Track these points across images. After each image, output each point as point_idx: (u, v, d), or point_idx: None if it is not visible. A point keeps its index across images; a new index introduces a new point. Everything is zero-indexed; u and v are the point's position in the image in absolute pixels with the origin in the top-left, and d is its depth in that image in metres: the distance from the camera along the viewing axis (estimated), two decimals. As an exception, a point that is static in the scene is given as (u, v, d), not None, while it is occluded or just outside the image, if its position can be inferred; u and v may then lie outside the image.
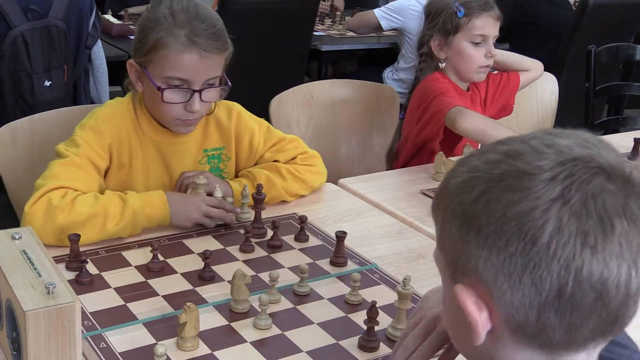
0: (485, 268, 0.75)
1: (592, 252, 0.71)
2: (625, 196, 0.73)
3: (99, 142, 1.66)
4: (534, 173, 0.74)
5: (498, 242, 0.74)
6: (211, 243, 1.61)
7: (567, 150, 0.75)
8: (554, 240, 0.71)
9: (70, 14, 2.60)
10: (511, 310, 0.75)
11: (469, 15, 2.14)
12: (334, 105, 2.55)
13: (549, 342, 0.76)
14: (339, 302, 1.43)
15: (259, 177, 1.76)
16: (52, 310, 1.05)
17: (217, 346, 1.26)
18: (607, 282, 0.72)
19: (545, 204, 0.72)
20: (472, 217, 0.76)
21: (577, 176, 0.73)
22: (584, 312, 0.73)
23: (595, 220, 0.72)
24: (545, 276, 0.72)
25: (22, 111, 2.45)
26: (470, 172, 0.79)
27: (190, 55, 1.60)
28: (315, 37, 4.09)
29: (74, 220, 1.51)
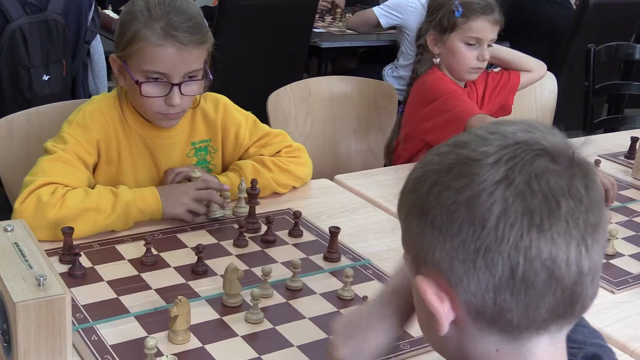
0: (442, 257, 0.77)
1: (538, 230, 0.73)
2: (570, 176, 0.75)
3: (87, 137, 1.66)
4: (479, 159, 0.76)
5: (450, 230, 0.76)
6: (205, 238, 1.61)
7: (511, 135, 0.77)
8: (501, 221, 0.73)
9: (68, 8, 2.61)
10: (469, 296, 0.76)
11: (467, 16, 2.13)
12: (332, 102, 2.55)
13: (509, 325, 0.77)
14: (331, 297, 1.43)
15: (245, 168, 1.77)
16: (43, 302, 1.06)
17: (208, 340, 1.26)
18: (556, 260, 0.73)
19: (490, 187, 0.74)
20: (427, 209, 0.78)
21: (520, 158, 0.75)
22: (538, 291, 0.74)
23: (540, 200, 0.73)
24: (497, 258, 0.73)
25: (20, 105, 2.45)
26: (424, 167, 0.82)
27: (166, 48, 1.59)
28: (316, 34, 4.09)
29: (65, 215, 1.51)
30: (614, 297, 1.54)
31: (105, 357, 1.19)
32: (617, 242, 1.76)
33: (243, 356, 1.23)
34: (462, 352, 0.82)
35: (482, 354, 0.81)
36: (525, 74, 2.44)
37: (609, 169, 2.28)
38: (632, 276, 1.62)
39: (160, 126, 1.73)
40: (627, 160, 2.36)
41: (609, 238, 1.72)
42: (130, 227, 1.61)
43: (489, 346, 0.80)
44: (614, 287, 1.57)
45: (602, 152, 2.42)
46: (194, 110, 1.79)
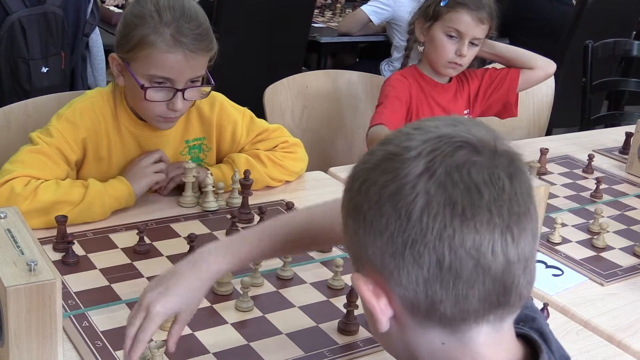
0: (374, 253, 0.78)
1: (461, 220, 0.73)
2: (492, 166, 0.76)
3: (73, 134, 1.66)
4: (402, 153, 0.77)
5: (379, 225, 0.76)
6: (198, 227, 1.63)
7: (433, 129, 0.78)
8: (424, 213, 0.74)
9: (68, 1, 2.62)
10: (402, 290, 0.77)
11: (452, 7, 2.12)
12: (329, 96, 2.56)
13: (444, 318, 0.77)
14: (321, 286, 1.45)
15: (239, 162, 1.79)
16: (33, 287, 1.07)
17: (198, 327, 1.27)
18: (481, 248, 0.74)
19: (413, 179, 0.75)
20: (359, 206, 0.79)
21: (441, 150, 0.76)
22: (466, 281, 0.75)
23: (462, 190, 0.74)
24: (423, 250, 0.74)
25: (19, 97, 2.46)
26: (356, 167, 0.83)
27: (175, 55, 1.58)
28: (315, 29, 4.10)
29: (37, 207, 1.53)
30: (602, 290, 1.56)
31: (96, 343, 1.21)
32: (608, 235, 1.77)
33: (232, 343, 1.25)
34: (409, 349, 0.83)
35: (428, 349, 0.81)
36: (528, 72, 2.32)
37: (603, 163, 2.30)
38: (622, 269, 1.64)
39: (158, 128, 1.73)
40: (621, 155, 2.37)
41: (600, 231, 1.74)
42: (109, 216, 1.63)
43: (434, 340, 0.80)
44: (603, 279, 1.58)
45: (597, 147, 2.43)
46: (189, 108, 1.80)
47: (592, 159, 2.23)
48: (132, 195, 1.65)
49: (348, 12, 4.65)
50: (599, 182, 2.04)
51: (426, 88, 2.23)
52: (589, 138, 2.59)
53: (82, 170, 1.72)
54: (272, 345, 1.25)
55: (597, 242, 1.73)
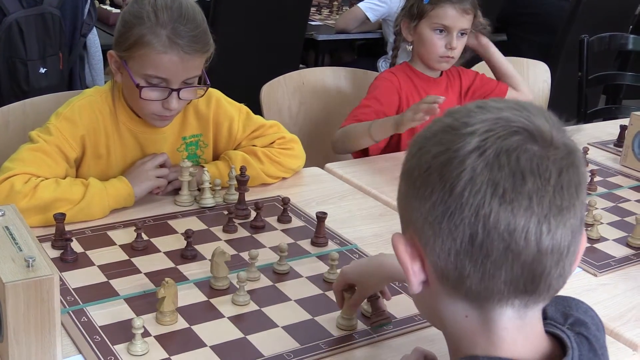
0: (417, 218, 0.80)
1: (500, 201, 0.75)
2: (543, 156, 0.77)
3: (72, 132, 1.68)
4: (459, 128, 0.79)
5: (425, 192, 0.79)
6: (195, 223, 1.65)
7: (496, 111, 0.80)
8: (467, 188, 0.76)
9: (65, 1, 2.63)
10: (435, 258, 0.80)
11: (434, 3, 2.13)
12: (325, 93, 2.58)
13: (470, 292, 0.80)
14: (317, 280, 1.46)
15: (235, 159, 1.80)
16: (31, 283, 1.09)
17: (195, 321, 1.29)
18: (514, 233, 0.75)
19: (463, 154, 0.77)
20: (411, 171, 0.82)
21: (495, 132, 0.77)
22: (495, 261, 0.76)
23: (507, 173, 0.75)
24: (459, 223, 0.76)
25: (17, 98, 2.46)
26: (418, 135, 0.86)
27: (170, 56, 1.60)
28: (312, 27, 4.12)
29: (36, 205, 1.54)
30: (596, 280, 1.57)
31: (94, 338, 1.22)
32: (602, 227, 1.79)
33: (229, 336, 1.26)
34: (436, 314, 0.86)
35: (452, 319, 0.84)
36: (513, 92, 2.40)
37: (598, 156, 2.31)
38: (615, 259, 1.65)
39: (153, 125, 1.75)
40: (615, 148, 2.39)
41: (594, 222, 1.75)
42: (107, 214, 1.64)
43: (458, 311, 0.83)
44: (596, 270, 1.60)
45: (592, 140, 2.45)
46: (186, 105, 1.81)
47: (587, 152, 2.25)
48: (132, 196, 1.67)
49: (345, 9, 4.66)
50: (593, 174, 2.06)
51: (418, 83, 2.25)
52: (583, 131, 2.60)
53: (81, 168, 1.73)
54: (268, 338, 1.26)
55: (591, 234, 1.74)
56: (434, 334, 1.31)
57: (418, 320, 1.34)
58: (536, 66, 3.14)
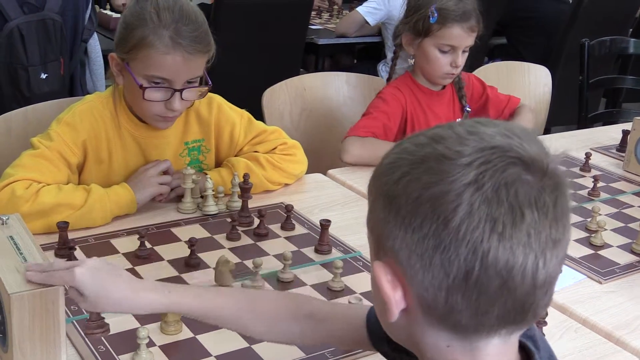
0: (401, 248, 0.77)
1: (499, 238, 0.72)
2: (540, 188, 0.75)
3: (73, 137, 1.68)
4: (453, 157, 0.75)
5: (413, 223, 0.75)
6: (198, 231, 1.64)
7: (489, 138, 0.76)
8: (464, 223, 0.73)
9: (66, 7, 2.63)
10: (422, 290, 0.76)
11: (442, 22, 2.09)
12: (327, 98, 2.58)
13: (458, 325, 0.77)
14: (321, 288, 1.46)
15: (238, 166, 1.80)
16: (37, 293, 1.08)
17: (200, 330, 1.28)
18: (512, 270, 0.73)
19: (459, 188, 0.73)
20: (394, 197, 0.78)
21: (493, 164, 0.74)
22: (490, 297, 0.74)
23: (506, 208, 0.73)
24: (454, 259, 0.73)
25: (18, 103, 2.48)
26: (398, 154, 0.81)
27: (173, 56, 1.60)
28: (313, 31, 4.12)
29: (38, 210, 1.54)
30: (601, 287, 1.57)
31: (99, 348, 1.22)
32: (606, 233, 1.78)
33: (234, 346, 1.26)
34: (412, 339, 0.83)
35: (432, 347, 0.81)
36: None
37: (600, 161, 2.31)
38: (620, 267, 1.65)
39: (156, 127, 1.75)
40: (618, 153, 2.39)
41: (597, 229, 1.75)
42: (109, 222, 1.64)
43: (439, 340, 0.80)
44: (601, 277, 1.59)
45: (594, 145, 2.45)
46: (187, 110, 1.81)
47: (590, 157, 2.25)
48: (134, 203, 1.66)
49: (345, 13, 4.66)
50: (596, 180, 2.06)
51: (422, 98, 2.23)
52: (586, 136, 2.60)
53: (83, 173, 1.73)
54: (274, 348, 1.25)
55: (595, 240, 1.74)
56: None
57: (423, 329, 1.34)
58: (537, 70, 3.14)
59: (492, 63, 3.30)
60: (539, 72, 3.13)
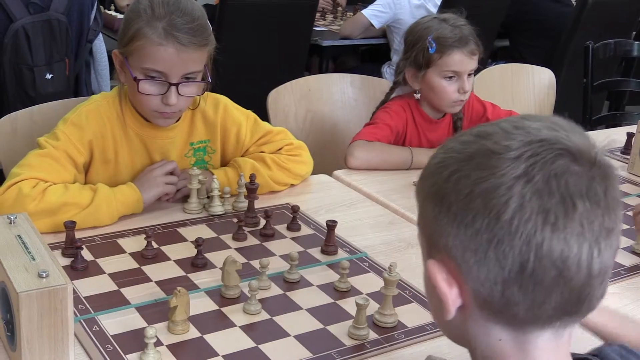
0: (455, 244, 0.78)
1: (552, 229, 0.74)
2: (589, 178, 0.76)
3: (79, 137, 1.69)
4: (501, 152, 0.77)
5: (465, 219, 0.77)
6: (205, 231, 1.65)
7: (535, 132, 0.78)
8: (516, 216, 0.74)
9: (71, 8, 2.63)
10: (478, 285, 0.78)
11: (442, 51, 2.09)
12: (331, 99, 2.58)
13: (514, 318, 0.78)
14: (328, 289, 1.46)
15: (244, 166, 1.80)
16: (45, 292, 1.09)
17: (207, 330, 1.29)
18: (567, 260, 0.74)
19: (510, 181, 0.75)
20: (444, 195, 0.79)
21: (542, 156, 0.75)
22: (546, 288, 0.75)
23: (557, 199, 0.74)
24: (508, 252, 0.75)
25: (23, 103, 2.47)
26: (445, 153, 0.83)
27: (166, 47, 1.61)
28: (317, 33, 4.12)
29: (45, 208, 1.55)
30: (606, 289, 1.57)
31: (107, 347, 1.22)
32: (611, 235, 1.78)
33: (241, 346, 1.26)
34: (465, 336, 0.85)
35: (484, 342, 0.82)
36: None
37: (605, 164, 2.30)
38: (624, 268, 1.65)
39: (156, 124, 1.75)
40: (623, 155, 2.39)
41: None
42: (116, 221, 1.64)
43: (492, 335, 0.81)
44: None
45: (599, 148, 2.44)
46: (193, 111, 1.82)
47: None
48: (140, 202, 1.67)
49: (349, 15, 4.66)
50: (601, 182, 2.05)
51: (420, 123, 2.23)
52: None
53: (89, 173, 1.74)
54: (280, 348, 1.26)
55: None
56: (446, 344, 1.30)
57: (429, 330, 1.34)
58: (541, 72, 3.14)
59: (496, 65, 3.30)
60: (543, 75, 3.14)
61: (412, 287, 1.48)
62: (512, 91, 3.05)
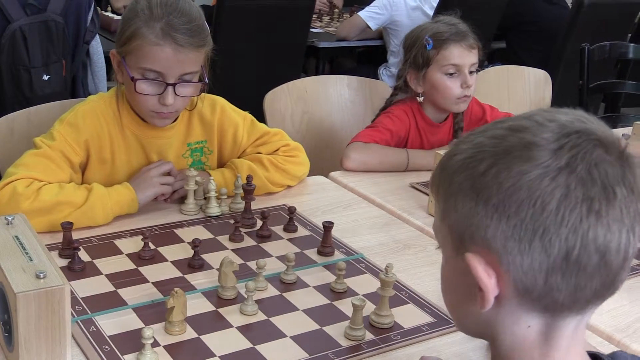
0: (495, 236, 0.80)
1: (597, 217, 0.77)
2: (622, 166, 0.79)
3: (75, 137, 1.69)
4: (541, 144, 0.79)
5: (508, 210, 0.79)
6: (202, 233, 1.65)
7: (569, 124, 0.81)
8: (562, 206, 0.77)
9: (68, 9, 2.64)
10: (520, 274, 0.80)
11: (439, 46, 2.10)
12: (328, 101, 2.59)
13: (553, 304, 0.81)
14: (324, 290, 1.46)
15: (241, 167, 1.80)
16: (42, 293, 1.09)
17: (204, 330, 1.29)
18: (610, 245, 0.78)
19: (553, 172, 0.77)
20: (482, 188, 0.81)
21: (582, 147, 0.78)
22: (589, 274, 0.78)
23: (599, 187, 0.77)
24: (554, 240, 0.77)
25: (20, 104, 2.48)
26: (475, 148, 0.84)
27: (163, 48, 1.62)
28: (313, 34, 4.13)
29: (39, 207, 1.55)
30: (601, 290, 1.57)
31: (104, 347, 1.23)
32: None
33: (238, 346, 1.26)
34: (489, 326, 0.86)
35: (511, 330, 0.84)
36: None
37: (600, 166, 2.31)
38: (620, 270, 1.65)
39: (153, 124, 1.75)
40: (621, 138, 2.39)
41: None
42: (111, 221, 1.64)
43: (522, 322, 0.83)
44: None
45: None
46: (190, 112, 1.82)
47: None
48: (135, 202, 1.67)
49: (346, 17, 4.67)
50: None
51: (422, 127, 2.23)
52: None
53: (86, 173, 1.74)
54: (276, 348, 1.26)
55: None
56: (441, 345, 1.32)
57: (426, 331, 1.35)
58: (537, 74, 3.15)
59: (492, 67, 3.31)
60: (539, 77, 3.15)
61: (408, 288, 1.48)
62: (508, 93, 3.06)
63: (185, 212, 1.73)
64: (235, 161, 1.84)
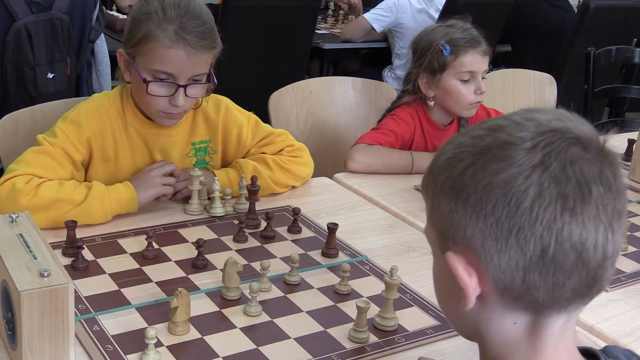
0: (474, 234, 0.80)
1: (571, 214, 0.77)
2: (600, 164, 0.79)
3: (77, 135, 1.69)
4: (516, 143, 0.80)
5: (485, 209, 0.79)
6: (205, 233, 1.64)
7: (546, 122, 0.81)
8: (536, 204, 0.77)
9: (73, 7, 2.63)
10: (498, 273, 0.80)
11: (456, 52, 2.10)
12: (333, 102, 2.58)
13: (533, 302, 0.81)
14: (328, 291, 1.46)
15: (246, 168, 1.80)
16: (46, 291, 1.08)
17: (207, 331, 1.29)
18: (586, 243, 0.77)
19: (527, 170, 0.78)
20: (461, 188, 0.82)
21: (556, 145, 0.78)
22: (566, 271, 0.78)
23: (574, 185, 0.77)
24: (529, 238, 0.77)
25: (25, 103, 2.48)
26: (457, 148, 0.85)
27: (177, 50, 1.62)
28: (318, 36, 4.12)
29: (38, 204, 1.55)
30: (606, 295, 1.57)
31: (107, 347, 1.22)
32: (612, 241, 1.78)
33: (241, 347, 1.26)
34: (477, 326, 0.86)
35: (497, 328, 0.85)
36: None
37: (605, 170, 2.31)
38: (625, 275, 1.65)
39: (161, 124, 1.75)
40: (623, 162, 2.39)
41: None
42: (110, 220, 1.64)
43: (508, 320, 0.84)
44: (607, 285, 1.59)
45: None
46: (195, 111, 1.82)
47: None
48: (135, 201, 1.66)
49: (351, 18, 4.67)
50: (602, 188, 2.05)
51: (428, 130, 2.23)
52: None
53: (89, 171, 1.74)
54: (280, 350, 1.26)
55: (601, 249, 1.74)
56: (445, 348, 1.31)
57: (430, 334, 1.34)
58: (542, 78, 3.15)
59: (497, 70, 3.30)
60: (545, 80, 3.14)
61: (413, 291, 1.48)
62: (513, 96, 3.05)
63: (189, 212, 1.73)
64: (240, 161, 1.83)
